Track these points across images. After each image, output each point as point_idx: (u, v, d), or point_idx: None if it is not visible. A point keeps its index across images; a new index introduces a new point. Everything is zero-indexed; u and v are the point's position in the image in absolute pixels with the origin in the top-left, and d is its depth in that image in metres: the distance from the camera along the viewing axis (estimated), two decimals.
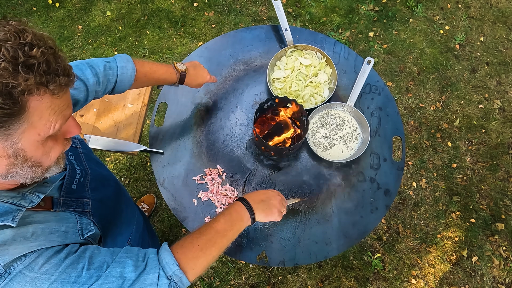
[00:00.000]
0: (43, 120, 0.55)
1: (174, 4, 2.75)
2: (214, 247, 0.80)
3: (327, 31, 2.70)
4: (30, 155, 0.58)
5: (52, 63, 0.54)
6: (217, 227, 0.84)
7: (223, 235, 0.83)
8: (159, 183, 1.32)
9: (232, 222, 0.87)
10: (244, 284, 2.05)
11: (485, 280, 2.12)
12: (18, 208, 0.62)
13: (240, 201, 0.94)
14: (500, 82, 2.61)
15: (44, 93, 0.53)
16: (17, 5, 2.68)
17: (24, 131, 0.54)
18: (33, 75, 0.51)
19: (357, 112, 1.39)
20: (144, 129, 1.65)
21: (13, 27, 0.52)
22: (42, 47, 0.52)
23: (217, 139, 1.39)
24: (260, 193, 0.99)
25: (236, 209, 0.91)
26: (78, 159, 0.87)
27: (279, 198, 1.01)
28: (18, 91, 0.50)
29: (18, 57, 0.50)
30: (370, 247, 2.17)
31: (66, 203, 0.74)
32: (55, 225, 0.68)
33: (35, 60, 0.51)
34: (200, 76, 1.22)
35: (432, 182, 2.33)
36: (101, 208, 0.83)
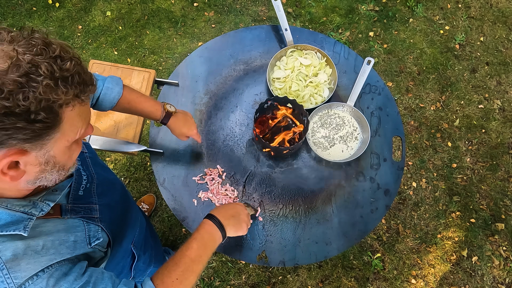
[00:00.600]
0: (73, 127, 0.58)
1: (174, 4, 2.75)
2: (192, 276, 0.82)
3: (327, 31, 2.70)
4: (59, 160, 0.60)
5: (82, 74, 0.56)
6: (191, 255, 0.84)
7: (199, 262, 0.84)
8: (159, 183, 1.32)
9: (205, 246, 0.88)
10: (244, 284, 2.05)
11: (485, 280, 2.12)
12: (29, 217, 0.63)
13: (209, 218, 0.93)
14: (500, 82, 2.61)
15: (77, 103, 0.56)
16: (17, 5, 2.68)
17: (57, 140, 0.57)
18: (71, 89, 0.53)
19: (357, 112, 1.39)
20: (144, 129, 1.65)
21: (40, 40, 0.53)
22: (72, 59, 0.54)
23: (217, 139, 1.39)
24: (228, 208, 0.99)
25: (207, 230, 0.91)
26: (84, 164, 0.87)
27: (246, 212, 1.02)
28: (58, 105, 0.53)
29: (55, 72, 0.51)
30: (370, 247, 2.17)
31: (74, 209, 0.75)
32: (64, 235, 0.69)
33: (69, 73, 0.53)
34: (187, 126, 1.16)
35: (432, 182, 2.33)
36: (108, 213, 0.83)
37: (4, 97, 0.47)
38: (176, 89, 1.46)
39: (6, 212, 0.61)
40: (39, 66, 0.50)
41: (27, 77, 0.49)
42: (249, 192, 1.32)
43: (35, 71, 0.50)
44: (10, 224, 0.60)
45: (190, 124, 1.17)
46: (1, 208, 0.61)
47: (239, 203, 1.05)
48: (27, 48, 0.51)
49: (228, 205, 1.02)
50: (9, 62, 0.49)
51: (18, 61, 0.49)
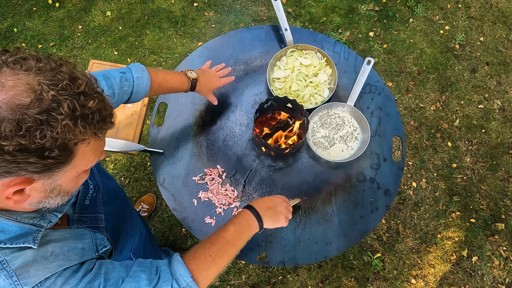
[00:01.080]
0: (85, 160, 0.58)
1: (174, 4, 2.75)
2: (225, 256, 0.82)
3: (327, 31, 2.70)
4: (65, 188, 0.60)
5: (103, 111, 0.55)
6: (227, 236, 0.85)
7: (233, 244, 0.85)
8: (159, 183, 1.32)
9: (242, 231, 0.88)
10: (244, 284, 2.05)
11: (485, 280, 2.12)
12: (37, 229, 0.63)
13: (248, 209, 0.95)
14: (500, 82, 2.61)
15: (93, 140, 0.56)
16: (17, 5, 2.68)
17: (66, 171, 0.56)
18: (89, 128, 0.53)
19: (357, 112, 1.39)
20: (144, 129, 1.65)
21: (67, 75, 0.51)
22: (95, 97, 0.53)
23: (217, 139, 1.39)
24: (267, 200, 1.00)
25: (245, 218, 0.92)
26: (91, 173, 0.87)
27: (285, 204, 1.01)
28: (73, 143, 0.52)
29: (76, 111, 0.50)
30: (370, 247, 2.17)
31: (80, 219, 0.75)
32: (72, 242, 0.69)
33: (90, 111, 0.52)
34: (210, 82, 1.22)
35: (432, 182, 2.33)
36: (112, 222, 0.84)
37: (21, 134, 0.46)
38: None
39: (16, 224, 0.60)
40: (62, 104, 0.49)
41: (48, 115, 0.48)
42: (249, 192, 1.32)
43: (56, 108, 0.49)
44: (20, 237, 0.60)
45: (211, 79, 1.23)
46: (11, 221, 0.60)
47: (279, 196, 1.04)
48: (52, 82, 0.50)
49: (267, 197, 1.02)
50: (32, 97, 0.48)
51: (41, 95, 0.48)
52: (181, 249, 2.09)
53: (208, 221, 1.27)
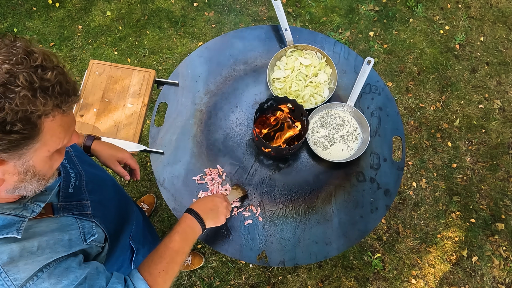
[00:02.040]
0: (55, 137, 0.57)
1: (174, 4, 2.75)
2: (176, 266, 0.87)
3: (327, 31, 2.70)
4: (39, 170, 0.60)
5: (64, 84, 0.55)
6: (175, 247, 0.89)
7: (182, 253, 0.90)
8: (159, 183, 1.32)
9: (187, 238, 0.93)
10: (244, 284, 2.05)
11: (485, 280, 2.12)
12: (21, 219, 0.63)
13: (189, 213, 0.98)
14: (500, 82, 2.61)
15: (58, 113, 0.55)
16: (17, 5, 2.68)
17: (36, 150, 0.56)
18: (51, 100, 0.52)
19: (357, 112, 1.39)
20: (144, 129, 1.65)
21: (21, 49, 0.52)
22: (54, 69, 0.53)
23: (217, 139, 1.39)
24: (207, 201, 1.03)
25: (188, 224, 0.96)
26: (71, 162, 0.86)
27: (225, 204, 1.06)
28: (36, 116, 0.51)
29: (34, 82, 0.50)
30: (370, 247, 2.17)
31: (65, 207, 0.74)
32: (58, 234, 0.69)
33: (49, 83, 0.52)
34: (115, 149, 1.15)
35: (432, 182, 2.33)
36: (101, 209, 0.83)
37: None
38: (176, 89, 1.46)
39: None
40: (17, 76, 0.49)
41: (4, 88, 0.48)
42: (249, 192, 1.32)
43: (12, 81, 0.49)
44: (3, 228, 0.60)
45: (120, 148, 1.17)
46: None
47: (218, 195, 1.08)
48: (7, 57, 0.50)
49: (207, 198, 1.05)
50: None
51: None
52: None
53: None
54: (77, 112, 1.42)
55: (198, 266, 2.04)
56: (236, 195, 1.25)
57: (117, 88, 1.46)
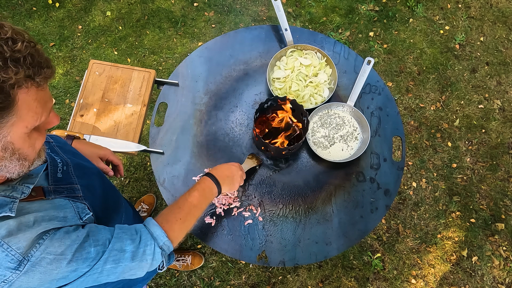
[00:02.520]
0: (31, 112, 0.57)
1: (174, 4, 2.75)
2: (193, 219, 0.95)
3: (327, 31, 2.70)
4: (18, 147, 0.59)
5: (36, 56, 0.56)
6: (194, 201, 0.96)
7: (199, 208, 0.98)
8: (159, 183, 1.32)
9: (205, 196, 1.01)
10: (244, 284, 2.05)
11: (485, 280, 2.12)
12: (12, 200, 0.63)
13: (209, 176, 1.06)
14: (500, 82, 2.61)
15: (31, 85, 0.55)
16: (17, 5, 2.68)
17: (13, 124, 0.56)
18: (22, 69, 0.53)
19: (357, 112, 1.39)
20: (144, 129, 1.65)
21: None
22: (24, 41, 0.54)
23: (217, 139, 1.39)
24: (225, 168, 1.11)
25: (207, 184, 1.03)
26: (54, 151, 0.87)
27: (240, 173, 1.14)
28: (9, 85, 0.52)
29: (4, 52, 0.51)
30: (370, 247, 2.17)
31: (56, 190, 0.75)
32: (53, 212, 0.70)
33: (20, 54, 0.53)
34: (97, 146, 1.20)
35: (432, 182, 2.33)
36: (90, 194, 0.83)
37: None
38: (176, 89, 1.46)
39: None
40: None
41: None
42: (249, 192, 1.32)
43: None
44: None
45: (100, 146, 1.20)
46: None
47: (234, 164, 1.15)
48: None
49: (224, 165, 1.12)
50: None
51: None
52: (181, 249, 2.09)
53: (208, 221, 1.27)
54: (77, 112, 1.42)
55: (198, 266, 2.04)
56: (251, 164, 1.28)
57: (117, 88, 1.46)
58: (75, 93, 2.44)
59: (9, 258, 0.59)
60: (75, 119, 1.41)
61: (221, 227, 1.26)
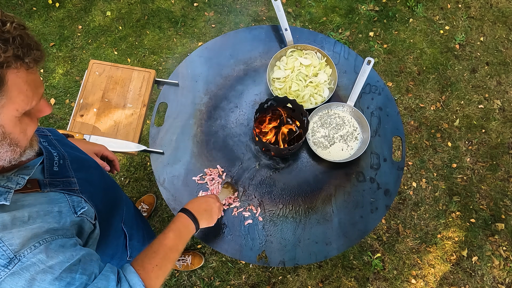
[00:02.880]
0: (21, 95, 0.57)
1: (174, 4, 2.75)
2: (169, 263, 0.88)
3: (327, 31, 2.70)
4: (9, 131, 0.59)
5: (25, 38, 0.56)
6: (169, 244, 0.90)
7: (175, 250, 0.91)
8: (159, 183, 1.32)
9: (181, 236, 0.94)
10: (244, 284, 2.05)
11: (485, 280, 2.12)
12: (6, 190, 0.63)
13: (184, 212, 1.00)
14: (500, 82, 2.61)
15: (21, 66, 0.56)
16: (17, 5, 2.68)
17: (3, 106, 0.56)
18: (11, 47, 0.53)
19: (357, 112, 1.39)
20: (144, 129, 1.65)
21: None
22: (13, 23, 0.55)
23: (217, 139, 1.39)
24: (201, 202, 1.06)
25: (183, 223, 0.98)
26: (51, 145, 0.86)
27: (217, 204, 1.09)
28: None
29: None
30: (370, 247, 2.17)
31: (52, 183, 0.74)
32: (47, 206, 0.69)
33: (9, 34, 0.53)
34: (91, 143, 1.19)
35: (432, 182, 2.33)
36: (88, 187, 0.83)
37: None
38: (176, 89, 1.46)
39: None
40: None
41: None
42: (249, 192, 1.32)
43: None
44: None
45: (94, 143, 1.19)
46: None
47: (211, 196, 1.11)
48: None
49: (201, 198, 1.07)
50: None
51: None
52: None
53: None
54: (77, 112, 1.42)
55: (198, 266, 2.04)
56: (226, 194, 1.25)
57: (117, 88, 1.46)
58: (75, 93, 2.44)
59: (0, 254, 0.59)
60: (75, 119, 1.41)
61: (221, 227, 1.26)
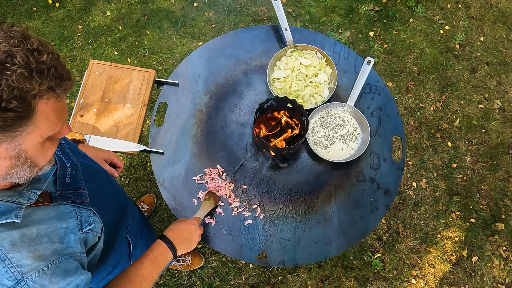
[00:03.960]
0: (48, 122, 0.58)
1: (174, 4, 2.75)
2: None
3: (327, 31, 2.70)
4: (31, 156, 0.60)
5: (59, 68, 0.57)
6: (145, 274, 0.88)
7: (150, 281, 0.90)
8: (159, 183, 1.32)
9: (158, 266, 0.93)
10: (244, 284, 2.05)
11: (485, 280, 2.12)
12: (18, 206, 0.63)
13: (164, 240, 0.98)
14: (500, 82, 2.61)
15: (52, 96, 0.56)
16: (17, 5, 2.68)
17: (29, 133, 0.56)
18: (46, 80, 0.54)
19: (357, 112, 1.39)
20: (144, 129, 1.65)
21: (19, 33, 0.54)
22: (50, 53, 0.55)
23: (217, 139, 1.39)
24: (182, 230, 1.04)
25: (161, 252, 0.96)
26: (65, 154, 0.87)
27: (198, 232, 1.07)
28: (31, 95, 0.53)
29: (30, 63, 0.52)
30: (370, 247, 2.17)
31: (63, 196, 0.75)
32: (57, 223, 0.70)
33: (45, 65, 0.54)
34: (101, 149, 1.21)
35: (432, 182, 2.33)
36: (97, 198, 0.84)
37: None
38: (176, 89, 1.46)
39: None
40: (15, 55, 0.51)
41: (1, 65, 0.50)
42: (249, 192, 1.32)
43: (10, 60, 0.51)
44: (1, 214, 0.61)
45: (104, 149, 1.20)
46: None
47: (193, 223, 1.07)
48: (4, 39, 0.52)
49: (182, 226, 1.05)
50: None
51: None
52: None
53: (208, 221, 1.27)
54: (77, 112, 1.42)
55: (198, 266, 2.04)
56: (208, 207, 1.22)
57: (117, 88, 1.46)
58: (75, 93, 2.44)
59: (8, 275, 0.59)
60: (75, 119, 1.41)
61: (221, 227, 1.26)
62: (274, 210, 1.30)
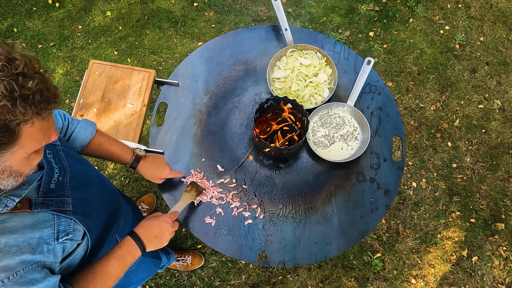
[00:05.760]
0: (33, 140, 0.58)
1: (174, 4, 2.75)
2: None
3: (327, 31, 2.70)
4: (16, 169, 0.60)
5: (44, 92, 0.55)
6: (111, 272, 0.87)
7: (116, 278, 0.89)
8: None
9: (125, 264, 0.91)
10: (244, 284, 2.05)
11: (485, 280, 2.12)
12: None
13: (133, 237, 0.95)
14: (500, 82, 2.61)
15: (36, 120, 0.55)
16: (17, 5, 2.68)
17: (14, 152, 0.56)
18: (30, 108, 0.52)
19: (357, 112, 1.39)
20: (144, 129, 1.65)
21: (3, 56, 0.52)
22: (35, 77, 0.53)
23: (217, 139, 1.39)
24: (154, 227, 0.99)
25: (129, 250, 0.93)
26: (57, 157, 0.85)
27: (171, 230, 1.02)
28: (15, 124, 0.52)
29: (14, 91, 0.51)
30: (370, 247, 2.17)
31: (45, 203, 0.73)
32: (29, 232, 0.68)
33: (30, 91, 0.52)
34: (159, 168, 1.18)
35: (432, 182, 2.33)
36: (83, 206, 0.82)
37: None
38: (176, 89, 1.46)
39: None
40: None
41: None
42: (249, 192, 1.32)
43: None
44: None
45: (162, 166, 1.19)
46: None
47: (166, 220, 1.02)
48: None
49: (154, 223, 1.00)
50: None
51: None
52: (181, 249, 2.09)
53: (208, 221, 1.27)
54: (77, 112, 1.42)
55: (198, 266, 2.04)
56: (189, 199, 1.19)
57: (117, 88, 1.46)
58: (75, 93, 2.44)
59: None
60: None
61: (221, 227, 1.26)
62: (274, 210, 1.30)
